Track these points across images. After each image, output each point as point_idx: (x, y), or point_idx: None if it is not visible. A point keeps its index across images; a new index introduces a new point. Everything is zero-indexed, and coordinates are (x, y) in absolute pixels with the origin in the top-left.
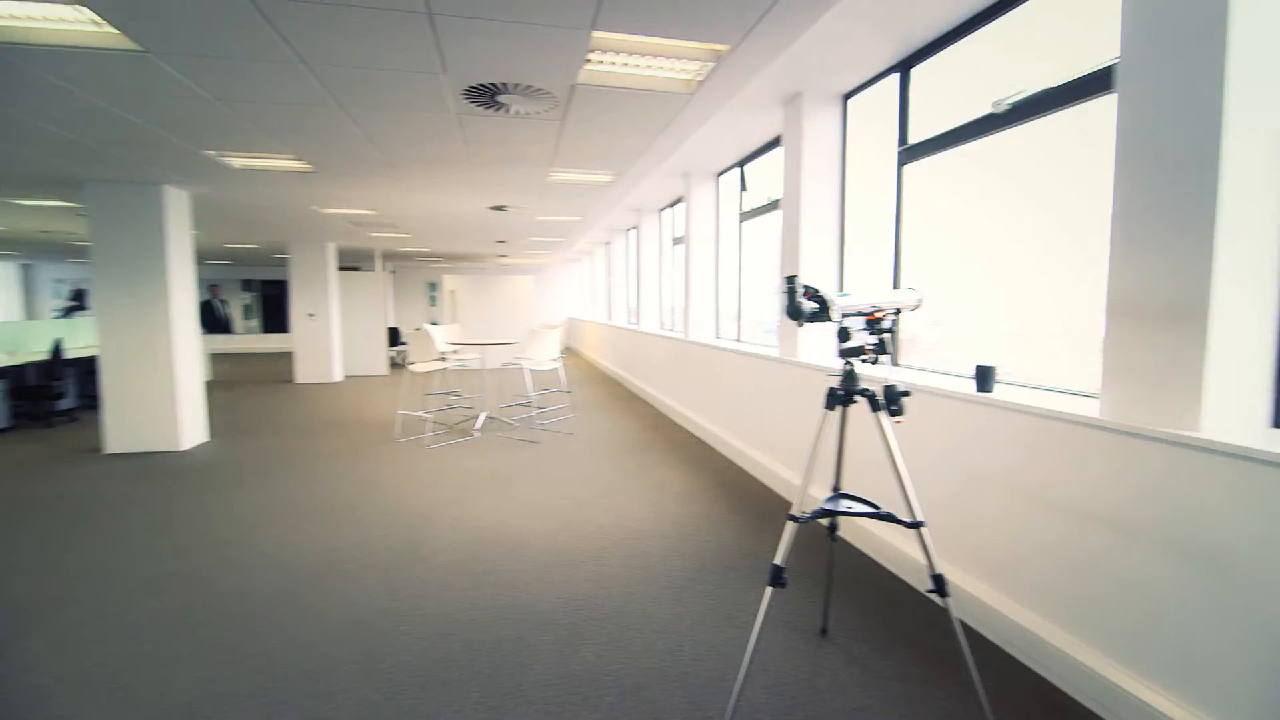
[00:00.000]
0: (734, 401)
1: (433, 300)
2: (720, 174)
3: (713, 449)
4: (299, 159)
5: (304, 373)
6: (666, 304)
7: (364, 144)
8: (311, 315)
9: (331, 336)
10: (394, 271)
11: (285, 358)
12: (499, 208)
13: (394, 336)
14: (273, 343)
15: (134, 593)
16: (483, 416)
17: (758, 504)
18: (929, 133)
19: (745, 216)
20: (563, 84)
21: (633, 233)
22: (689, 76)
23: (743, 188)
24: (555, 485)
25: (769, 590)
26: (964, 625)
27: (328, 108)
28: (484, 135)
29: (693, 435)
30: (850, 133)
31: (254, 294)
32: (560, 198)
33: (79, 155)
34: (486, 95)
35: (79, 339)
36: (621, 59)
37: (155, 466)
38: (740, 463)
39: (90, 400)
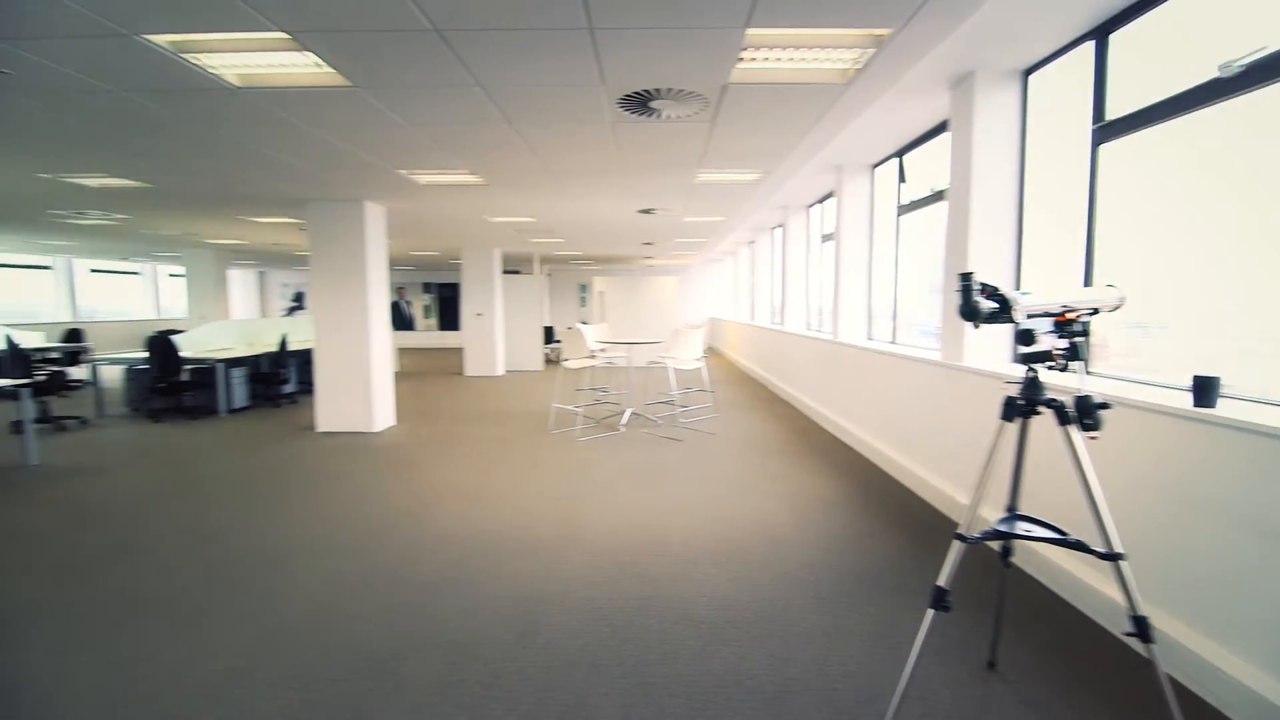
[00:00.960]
0: (887, 407)
1: (583, 301)
2: (875, 166)
3: (861, 456)
4: (473, 173)
5: (472, 366)
6: (813, 304)
7: (528, 156)
8: (479, 314)
9: (496, 334)
10: (550, 274)
11: (457, 353)
12: (647, 211)
13: (548, 335)
14: (447, 339)
15: (333, 552)
16: (628, 412)
17: (913, 518)
18: (1130, 107)
19: (903, 210)
20: (713, 85)
21: (778, 231)
22: (845, 66)
23: (901, 179)
24: (697, 483)
25: (930, 613)
26: (1171, 680)
27: (499, 125)
28: (636, 141)
29: (839, 440)
30: (1030, 112)
31: (432, 295)
32: (706, 198)
33: (301, 179)
34: (640, 102)
35: (299, 334)
36: (774, 54)
37: (353, 444)
38: (893, 472)
39: (307, 386)
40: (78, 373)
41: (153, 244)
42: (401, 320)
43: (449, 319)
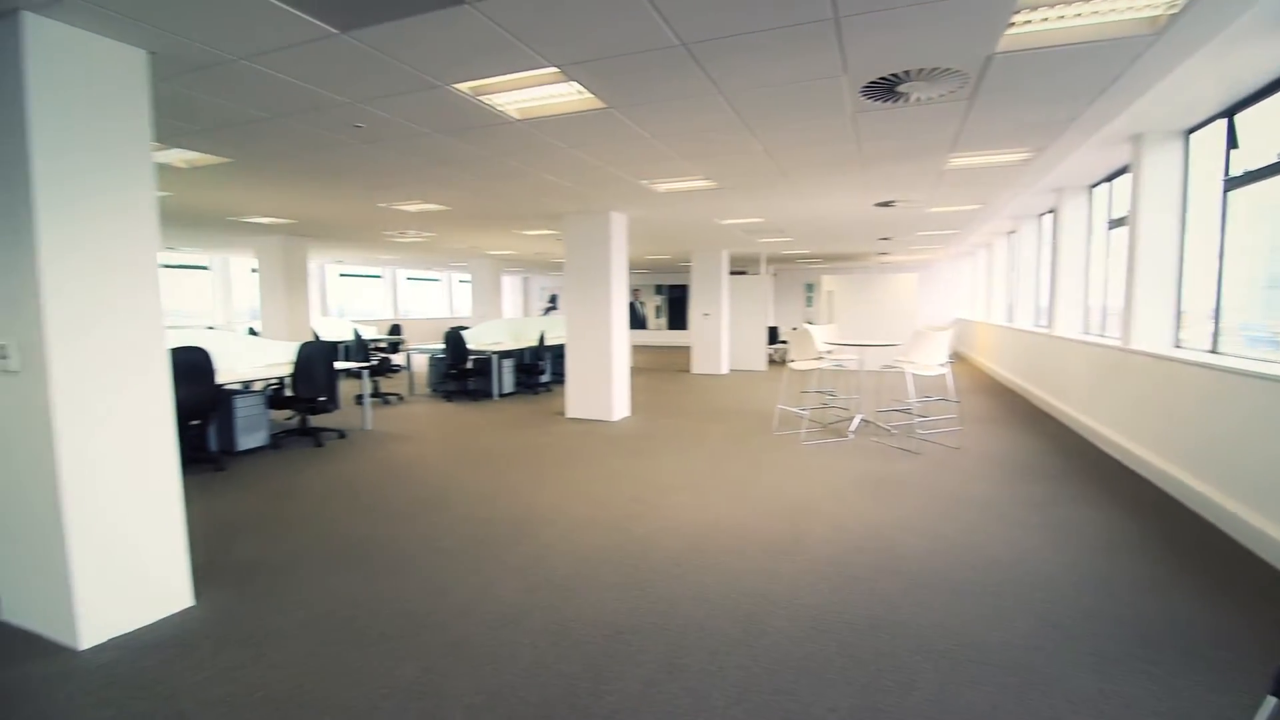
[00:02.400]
0: (1203, 432)
1: (809, 300)
2: (1190, 131)
3: (1157, 488)
4: (707, 178)
5: (699, 364)
6: (1094, 303)
7: (762, 158)
8: (706, 314)
9: (721, 333)
10: (775, 274)
11: (684, 351)
12: (886, 203)
13: (772, 335)
14: (675, 338)
15: (581, 526)
16: (858, 419)
17: (1232, 573)
18: None
19: (1233, 184)
20: (974, 58)
21: (1047, 218)
22: (1156, 12)
23: (1231, 145)
24: (937, 502)
25: (1271, 701)
26: None
27: (736, 131)
28: (877, 130)
29: (1124, 467)
30: None
31: (663, 297)
32: (958, 185)
33: (561, 195)
34: (885, 88)
35: (554, 331)
36: (1055, 12)
37: (595, 432)
38: (1211, 517)
39: (559, 377)
40: (397, 359)
41: (449, 256)
42: (635, 320)
43: (677, 319)
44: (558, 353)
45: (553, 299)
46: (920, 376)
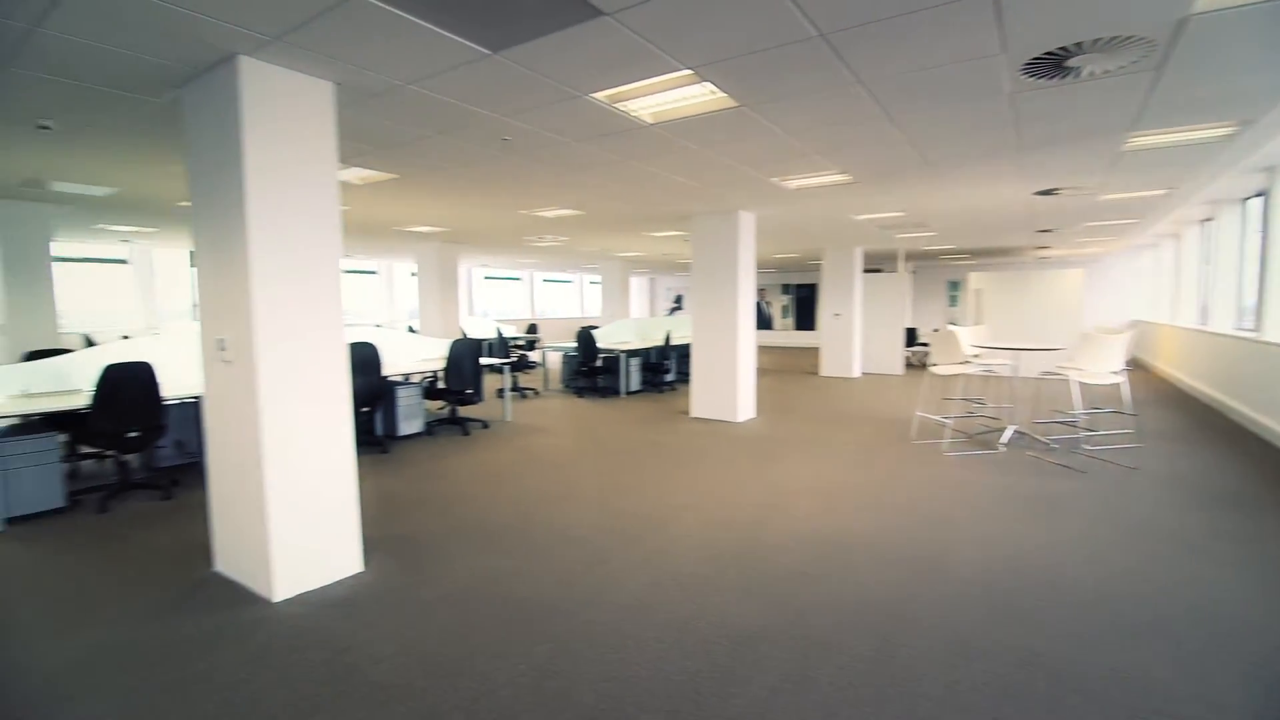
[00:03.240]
0: None
1: (952, 300)
2: None
3: None
4: (842, 172)
5: (828, 367)
6: None
7: (904, 149)
8: (837, 315)
9: (853, 335)
10: (914, 271)
11: (812, 352)
12: (1048, 192)
13: (910, 337)
14: (803, 339)
15: (704, 527)
16: (1010, 430)
17: None
18: None
19: None
20: (1164, 22)
21: (1255, 201)
22: None
23: None
24: (1107, 528)
25: None
26: None
27: (875, 121)
28: (1040, 112)
29: None
30: None
31: (790, 296)
32: (1139, 169)
33: (690, 196)
34: (1051, 65)
35: (679, 331)
36: None
37: (720, 432)
38: None
39: (683, 376)
40: (533, 356)
41: (581, 259)
42: (761, 320)
43: (805, 319)
44: (683, 352)
45: (678, 299)
46: (1088, 385)
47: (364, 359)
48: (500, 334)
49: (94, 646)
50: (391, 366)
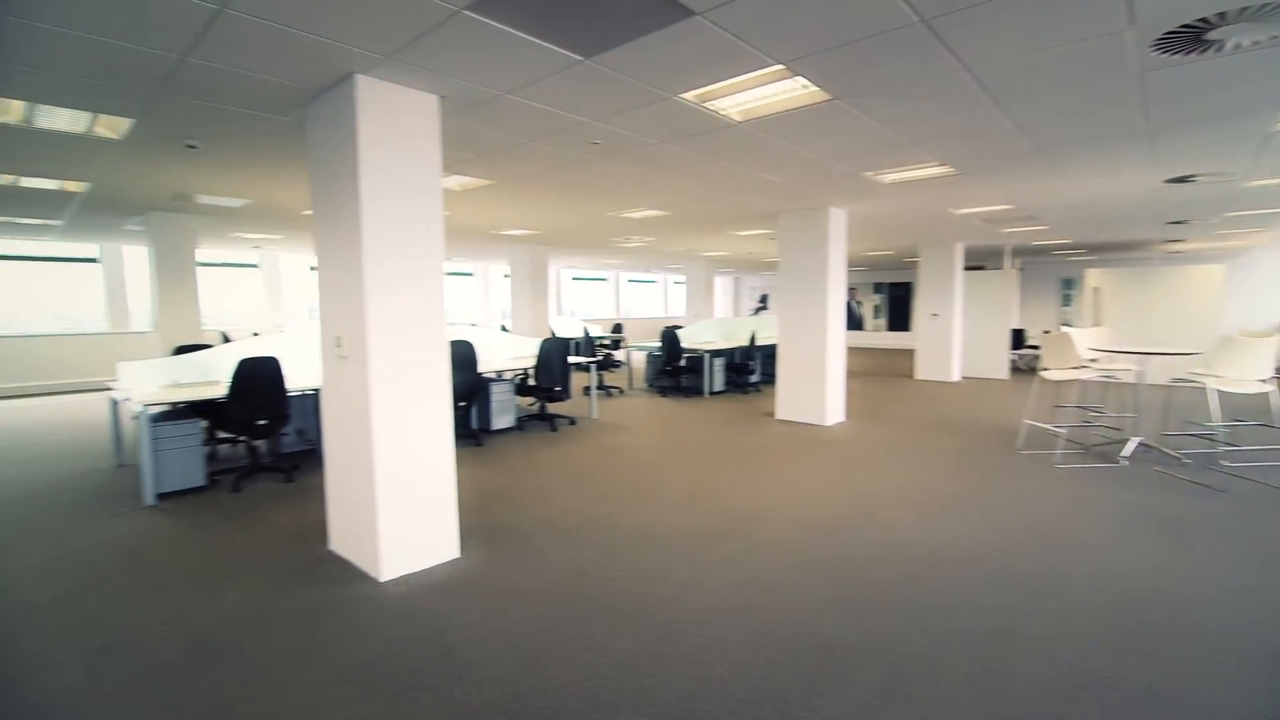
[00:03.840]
0: None
1: (1066, 299)
2: None
3: None
4: (943, 164)
5: (923, 370)
6: None
7: (1013, 137)
8: (935, 315)
9: (952, 336)
10: (1022, 268)
11: (906, 354)
12: (1182, 179)
13: (1017, 338)
14: (896, 340)
15: (790, 532)
16: (1134, 442)
17: None
18: None
19: None
20: None
21: None
22: None
23: None
24: (1253, 554)
25: None
26: None
27: (981, 108)
28: (1174, 91)
29: None
30: None
31: (882, 295)
32: None
33: (778, 193)
34: (1188, 38)
35: (764, 332)
36: None
37: (807, 435)
38: None
39: (768, 377)
40: (618, 356)
41: (666, 259)
42: (851, 320)
43: (899, 319)
44: (768, 353)
45: (763, 299)
46: (1229, 394)
47: (462, 356)
48: (587, 333)
49: (230, 610)
50: (486, 363)
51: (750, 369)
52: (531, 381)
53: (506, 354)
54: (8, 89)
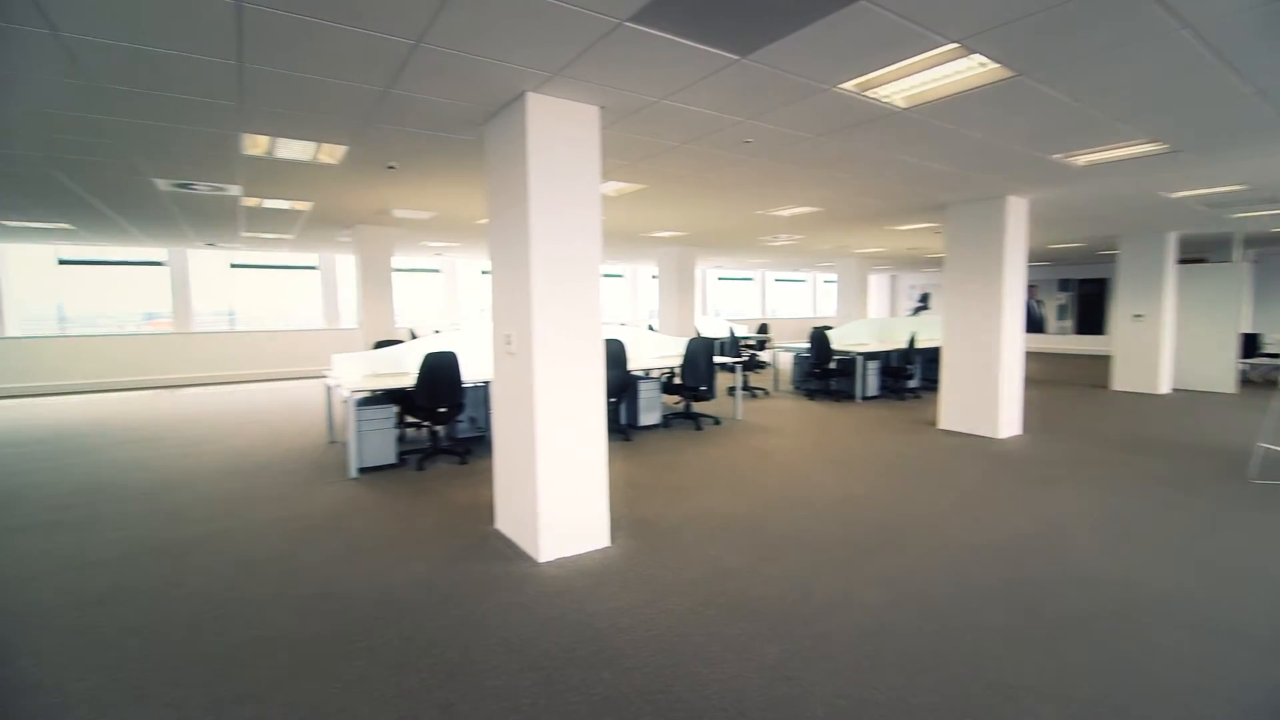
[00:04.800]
0: None
1: None
2: None
3: None
4: (1154, 141)
5: (1122, 379)
6: None
7: (1251, 102)
8: (1138, 316)
9: (1161, 341)
10: (1256, 261)
11: (1100, 361)
12: None
13: (1249, 345)
14: (1086, 344)
15: (955, 551)
16: None
17: None
18: None
19: None
20: None
21: None
22: None
23: None
24: None
25: None
26: None
27: (1203, 70)
28: None
29: None
30: None
31: (1069, 294)
32: None
33: (945, 183)
34: None
35: (925, 333)
36: None
37: (974, 448)
38: None
39: (929, 383)
40: (764, 356)
41: (815, 257)
42: (1030, 321)
43: (1090, 321)
44: (929, 356)
45: (923, 297)
46: None
47: (614, 354)
48: (732, 333)
49: (413, 575)
50: (635, 362)
51: (908, 373)
52: (677, 380)
53: (654, 353)
54: (259, 127)
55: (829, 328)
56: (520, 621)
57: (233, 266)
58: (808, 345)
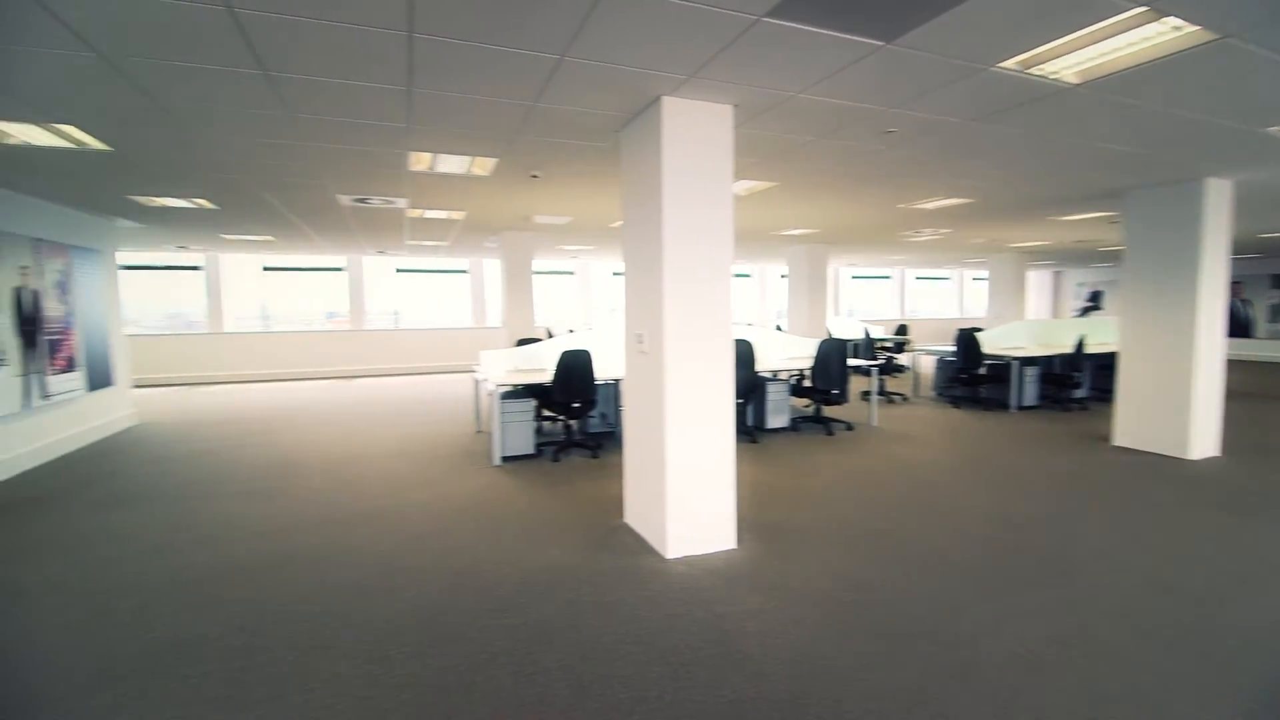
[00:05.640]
0: None
1: None
2: None
3: None
4: None
5: None
6: None
7: None
8: None
9: None
10: None
11: None
12: None
13: None
14: None
15: (1136, 588)
16: None
17: None
18: None
19: None
20: None
21: None
22: None
23: None
24: None
25: None
26: None
27: None
28: None
29: None
30: None
31: None
32: None
33: (1125, 166)
34: None
35: (1096, 336)
36: None
37: (1160, 469)
38: None
39: (1101, 393)
40: (902, 360)
41: (963, 252)
42: (1234, 324)
43: None
44: (1101, 362)
45: (1093, 296)
46: None
47: (742, 355)
48: (867, 335)
49: (548, 561)
50: (763, 363)
51: (1075, 381)
52: (807, 383)
53: (782, 354)
54: (423, 145)
55: (978, 329)
56: (648, 615)
57: (398, 271)
58: (953, 348)
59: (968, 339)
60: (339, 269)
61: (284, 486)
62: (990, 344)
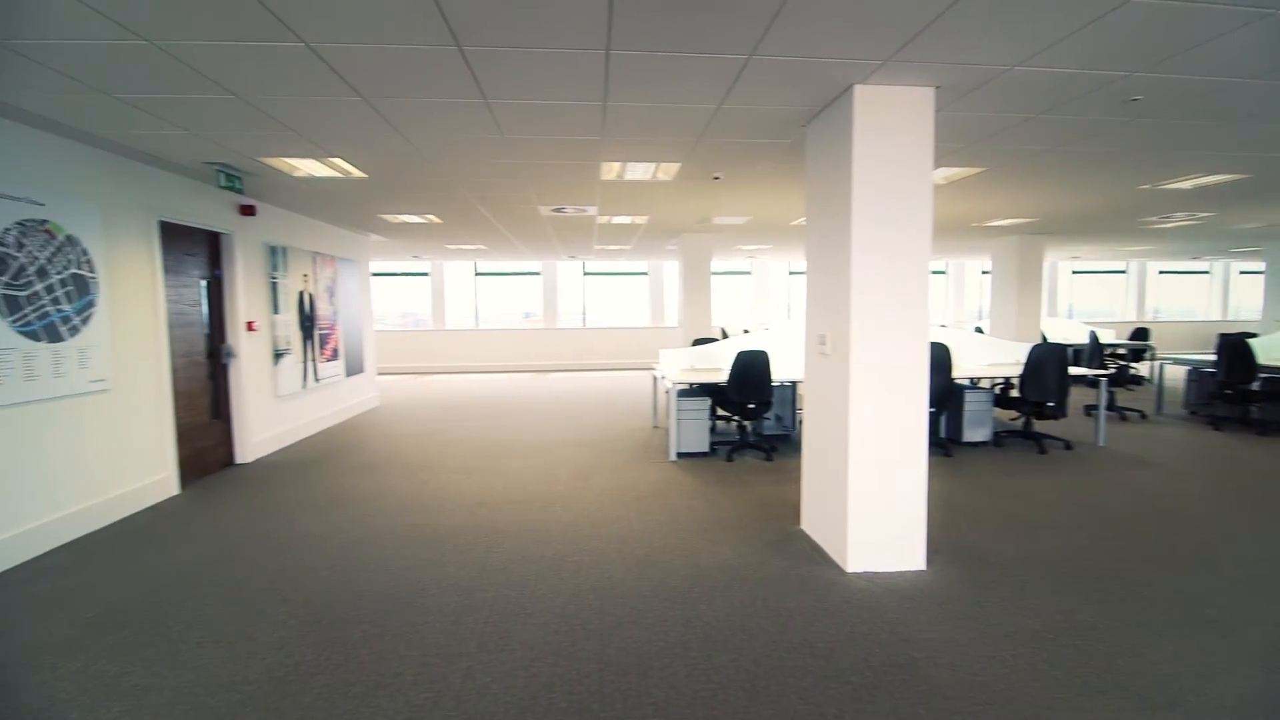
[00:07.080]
0: None
1: None
2: None
3: None
4: None
5: None
6: None
7: None
8: None
9: None
10: None
11: None
12: None
13: None
14: None
15: None
16: None
17: None
18: None
19: None
20: None
21: None
22: None
23: None
24: None
25: None
26: None
27: None
28: None
29: None
30: None
31: None
32: None
33: None
34: None
35: None
36: None
37: None
38: None
39: None
40: (1140, 369)
41: (1230, 240)
42: None
43: None
44: None
45: None
46: None
47: (937, 359)
48: (1094, 339)
49: (722, 559)
50: (960, 368)
51: None
52: (1015, 393)
53: (983, 359)
54: (614, 155)
55: (1250, 334)
56: (824, 628)
57: (585, 274)
58: (1213, 357)
59: (1235, 346)
60: (535, 273)
61: (492, 466)
62: (1268, 353)
